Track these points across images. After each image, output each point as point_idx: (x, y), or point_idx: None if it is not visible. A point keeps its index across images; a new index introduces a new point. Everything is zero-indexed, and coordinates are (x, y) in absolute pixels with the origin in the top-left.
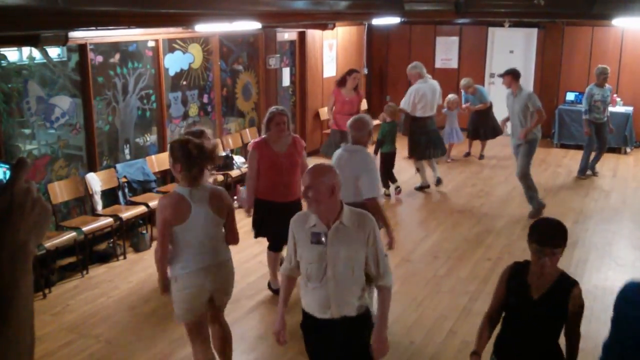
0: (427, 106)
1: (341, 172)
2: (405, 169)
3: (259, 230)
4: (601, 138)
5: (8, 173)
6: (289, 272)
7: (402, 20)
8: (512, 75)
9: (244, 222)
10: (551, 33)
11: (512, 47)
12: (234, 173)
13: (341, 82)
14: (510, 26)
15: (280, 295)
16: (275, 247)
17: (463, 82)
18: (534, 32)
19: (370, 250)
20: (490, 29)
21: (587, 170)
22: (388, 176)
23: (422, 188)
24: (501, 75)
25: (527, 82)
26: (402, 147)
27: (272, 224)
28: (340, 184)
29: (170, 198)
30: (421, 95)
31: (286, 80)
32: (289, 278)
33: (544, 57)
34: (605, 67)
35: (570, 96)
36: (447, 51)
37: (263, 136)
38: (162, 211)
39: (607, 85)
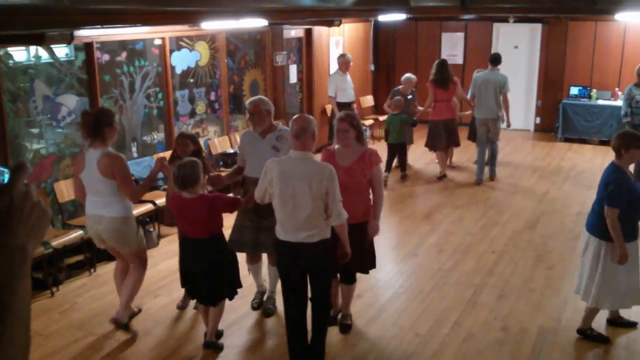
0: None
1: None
2: (419, 159)
3: None
4: None
5: (7, 177)
6: None
7: (408, 16)
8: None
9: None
10: (555, 28)
11: (517, 43)
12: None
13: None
14: (514, 22)
15: None
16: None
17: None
18: (538, 27)
19: None
20: (495, 25)
21: None
22: (387, 165)
23: (440, 177)
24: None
25: (532, 76)
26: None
27: None
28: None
29: (78, 153)
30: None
31: (293, 77)
32: None
33: (548, 52)
34: None
35: (574, 90)
36: (452, 47)
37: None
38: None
39: None
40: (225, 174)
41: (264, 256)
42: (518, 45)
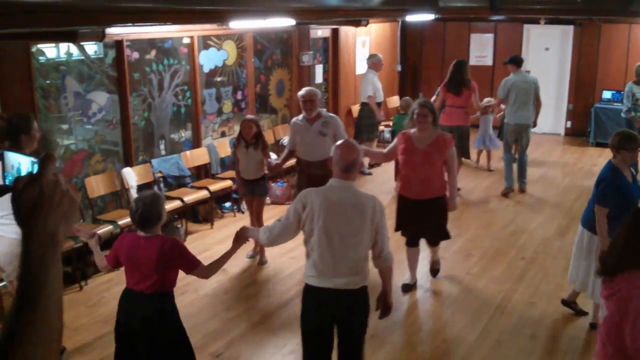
0: None
1: None
2: None
3: (398, 225)
4: None
5: (36, 166)
6: None
7: (437, 17)
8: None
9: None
10: (588, 30)
11: (548, 45)
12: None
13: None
14: (545, 23)
15: None
16: (409, 242)
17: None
18: (570, 29)
19: None
20: (526, 26)
21: None
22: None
23: None
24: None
25: (563, 80)
26: None
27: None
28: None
29: None
30: None
31: (319, 77)
32: None
33: (580, 55)
34: None
35: (607, 94)
36: (481, 48)
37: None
38: None
39: None
40: (281, 158)
41: None
42: (549, 48)
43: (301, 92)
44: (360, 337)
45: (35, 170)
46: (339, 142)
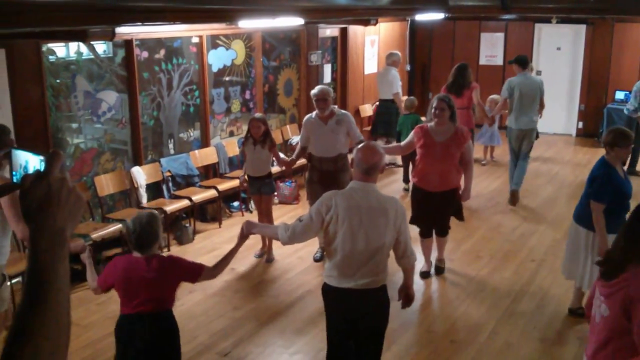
0: None
1: None
2: None
3: (413, 217)
4: None
5: (43, 164)
6: None
7: (446, 16)
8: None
9: (286, 217)
10: (600, 30)
11: (560, 44)
12: (274, 170)
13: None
14: (557, 22)
15: None
16: (424, 233)
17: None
18: (582, 28)
19: None
20: (537, 25)
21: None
22: (405, 171)
23: None
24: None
25: (575, 80)
26: None
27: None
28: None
29: None
30: None
31: (327, 77)
32: None
33: (593, 54)
34: None
35: (620, 95)
36: (492, 48)
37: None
38: None
39: None
40: (295, 154)
41: None
42: (561, 47)
43: (314, 91)
44: (382, 333)
45: (42, 168)
46: (361, 145)
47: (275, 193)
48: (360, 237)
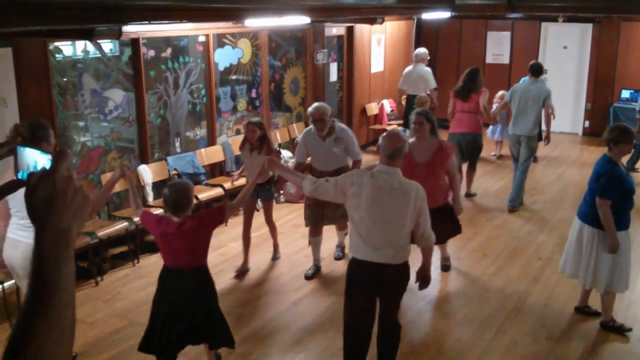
0: None
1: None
2: None
3: None
4: None
5: (50, 162)
6: None
7: (453, 14)
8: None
9: (291, 215)
10: (607, 28)
11: (566, 43)
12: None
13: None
14: (564, 21)
15: None
16: None
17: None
18: (589, 27)
19: None
20: (544, 24)
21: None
22: None
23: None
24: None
25: (581, 79)
26: None
27: None
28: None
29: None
30: None
31: (334, 76)
32: None
33: (599, 53)
34: None
35: (626, 94)
36: (498, 46)
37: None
38: None
39: None
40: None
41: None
42: (567, 46)
43: (310, 110)
44: (398, 302)
45: (48, 166)
46: (386, 132)
47: (282, 192)
48: (381, 216)
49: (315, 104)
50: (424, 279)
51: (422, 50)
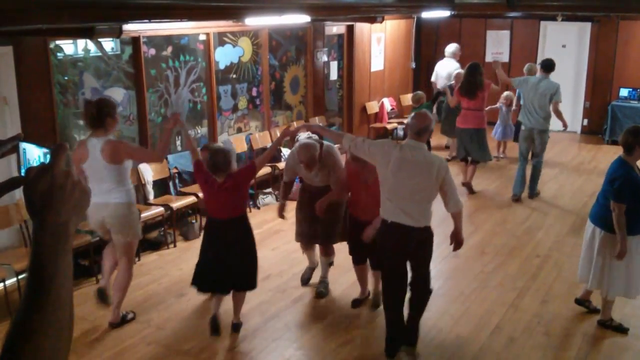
0: None
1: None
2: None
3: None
4: None
5: (48, 156)
6: None
7: (453, 13)
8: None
9: (292, 213)
10: (605, 27)
11: (565, 42)
12: (281, 165)
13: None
14: (563, 20)
15: None
16: (356, 260)
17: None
18: (588, 26)
19: None
20: (543, 23)
21: None
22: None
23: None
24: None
25: (580, 77)
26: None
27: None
28: None
29: (78, 142)
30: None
31: (334, 74)
32: None
33: (598, 52)
34: None
35: (624, 92)
36: (497, 45)
37: None
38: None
39: None
40: (280, 194)
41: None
42: (566, 45)
43: (299, 154)
44: (426, 264)
45: (47, 161)
46: (415, 113)
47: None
48: (406, 184)
49: (303, 143)
50: (457, 242)
51: (453, 45)
